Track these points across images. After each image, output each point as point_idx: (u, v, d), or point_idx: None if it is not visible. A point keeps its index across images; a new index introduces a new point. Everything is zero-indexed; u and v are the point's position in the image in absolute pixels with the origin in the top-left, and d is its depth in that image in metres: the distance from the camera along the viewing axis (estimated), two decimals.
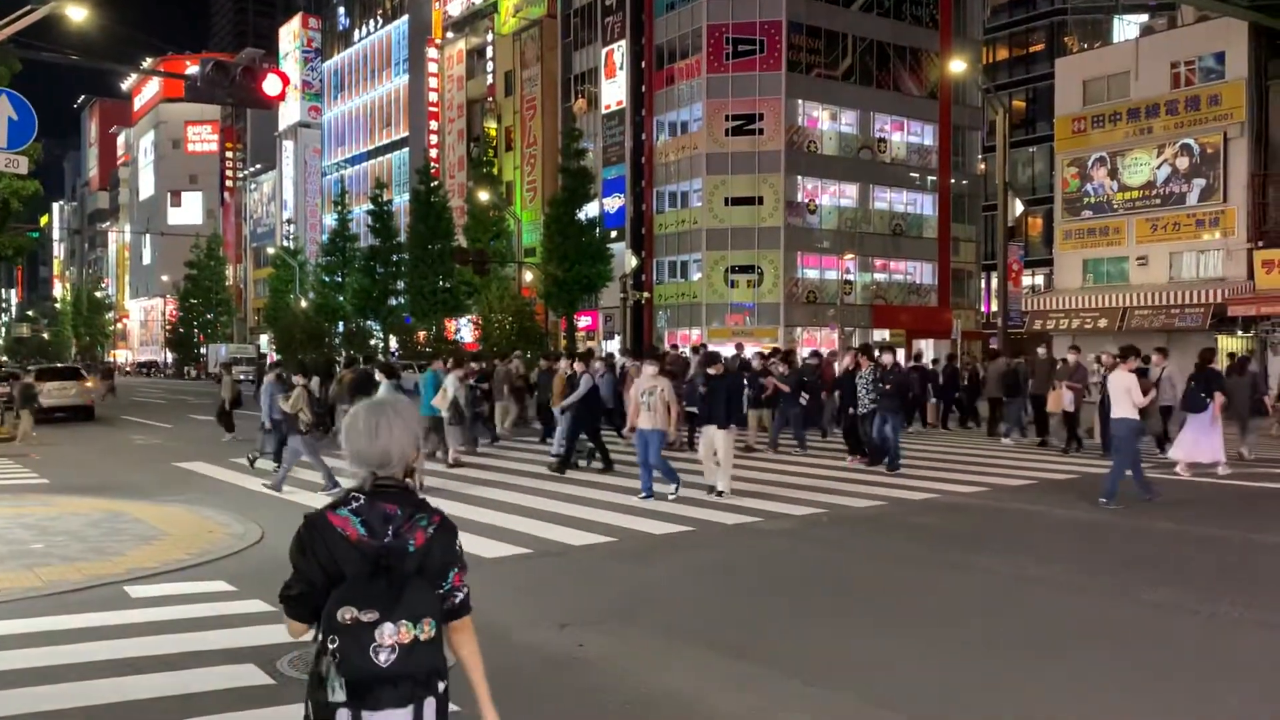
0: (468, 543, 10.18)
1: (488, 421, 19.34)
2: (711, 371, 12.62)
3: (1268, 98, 33.31)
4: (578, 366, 15.56)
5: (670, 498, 11.88)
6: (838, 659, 5.99)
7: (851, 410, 15.39)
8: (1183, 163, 34.87)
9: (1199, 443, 13.86)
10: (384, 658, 2.49)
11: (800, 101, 45.77)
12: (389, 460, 2.65)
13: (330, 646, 2.51)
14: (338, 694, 2.50)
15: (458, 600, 2.66)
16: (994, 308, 41.50)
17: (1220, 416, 13.88)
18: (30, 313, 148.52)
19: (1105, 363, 16.66)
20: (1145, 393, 11.98)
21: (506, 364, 21.50)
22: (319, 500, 12.12)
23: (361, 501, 2.60)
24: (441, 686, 2.61)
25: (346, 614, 2.49)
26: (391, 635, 2.49)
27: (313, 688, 2.59)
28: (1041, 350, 19.24)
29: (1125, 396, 11.46)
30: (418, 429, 2.75)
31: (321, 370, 22.89)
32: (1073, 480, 13.77)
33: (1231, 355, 23.73)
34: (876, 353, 15.82)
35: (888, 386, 14.51)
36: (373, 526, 2.57)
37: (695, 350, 26.72)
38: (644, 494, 11.93)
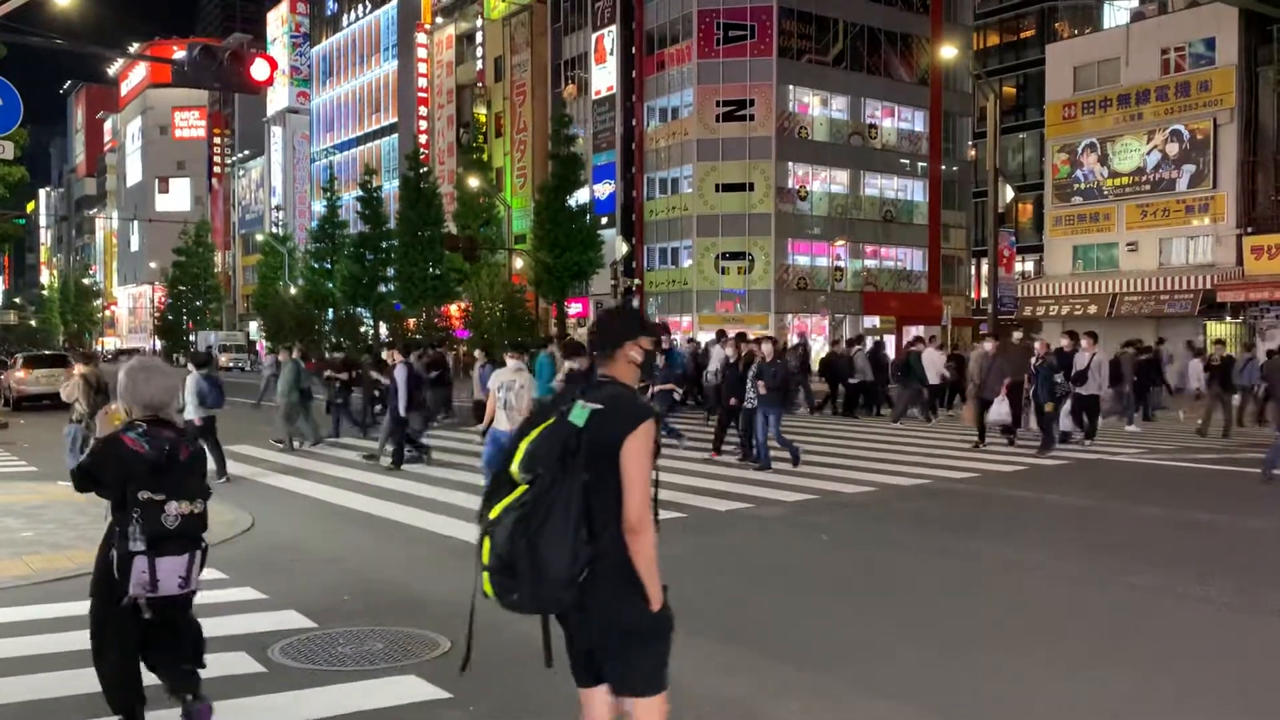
0: (464, 533, 10.12)
1: (360, 413, 18.86)
2: (574, 365, 10.85)
3: (1257, 84, 33.38)
4: (398, 357, 14.56)
5: None
6: (829, 644, 6.01)
7: (732, 402, 14.28)
8: (1173, 149, 34.95)
9: None
10: (171, 523, 4.01)
11: (791, 87, 45.66)
12: (175, 402, 4.10)
13: (134, 515, 3.97)
14: (138, 544, 3.97)
15: (209, 491, 4.30)
16: (984, 294, 41.54)
17: None
18: (17, 300, 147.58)
19: (1039, 350, 16.50)
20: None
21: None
22: (303, 486, 12.15)
23: (145, 429, 4.03)
24: (204, 543, 4.20)
25: (143, 495, 3.98)
26: (175, 509, 4.03)
27: (119, 541, 4.00)
28: (1017, 335, 19.09)
29: None
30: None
31: (374, 358, 22.99)
32: (1065, 467, 13.83)
33: (1249, 345, 23.74)
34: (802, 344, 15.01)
35: (761, 383, 13.15)
36: (154, 444, 4.01)
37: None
38: None
